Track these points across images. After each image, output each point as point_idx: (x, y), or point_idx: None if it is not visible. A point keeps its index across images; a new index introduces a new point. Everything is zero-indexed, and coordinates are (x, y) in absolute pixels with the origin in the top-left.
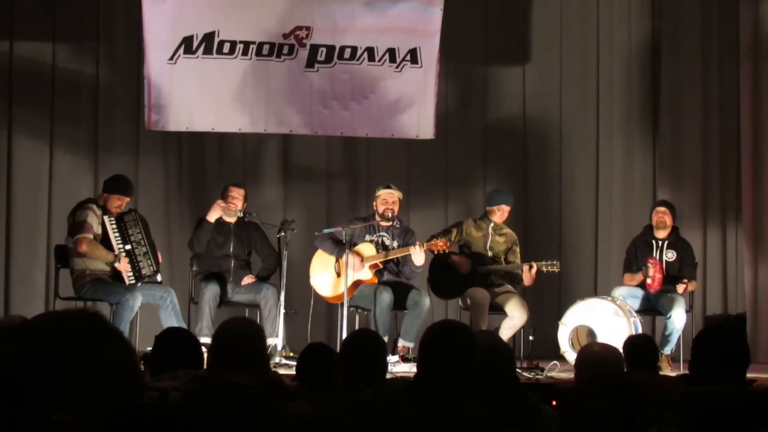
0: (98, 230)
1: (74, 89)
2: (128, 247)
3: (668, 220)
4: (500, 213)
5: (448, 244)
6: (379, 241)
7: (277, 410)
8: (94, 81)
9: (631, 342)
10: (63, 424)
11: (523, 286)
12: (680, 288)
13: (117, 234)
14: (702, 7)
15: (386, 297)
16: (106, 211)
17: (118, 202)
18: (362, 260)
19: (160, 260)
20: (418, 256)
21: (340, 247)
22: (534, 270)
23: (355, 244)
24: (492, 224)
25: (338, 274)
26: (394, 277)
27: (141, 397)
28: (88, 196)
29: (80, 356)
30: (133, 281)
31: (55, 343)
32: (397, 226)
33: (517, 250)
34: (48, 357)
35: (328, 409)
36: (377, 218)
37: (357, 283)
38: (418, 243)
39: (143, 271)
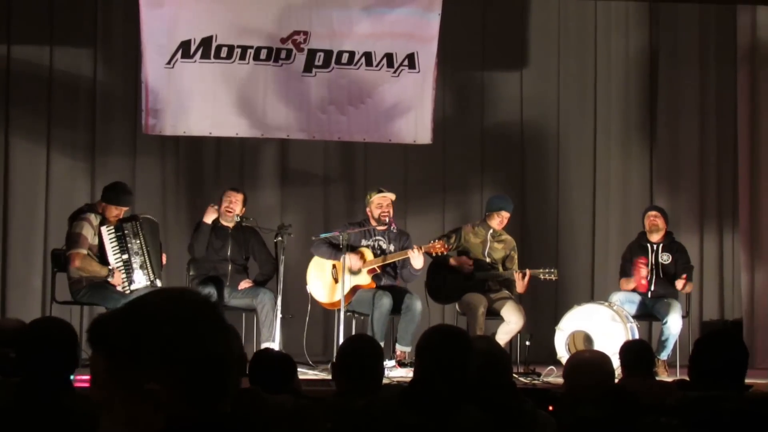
0: (94, 241)
1: (72, 92)
2: (125, 257)
3: (660, 223)
4: (499, 219)
5: (446, 246)
6: (376, 246)
7: (259, 404)
8: (91, 84)
9: (628, 347)
10: (153, 395)
11: (517, 292)
12: (679, 284)
13: (114, 244)
14: (699, 14)
15: (386, 302)
16: (104, 219)
17: (116, 212)
18: (362, 257)
19: (164, 262)
20: (417, 259)
21: (338, 250)
22: (527, 278)
23: (354, 248)
24: (491, 230)
25: (335, 280)
26: (390, 281)
27: (233, 390)
28: (85, 199)
29: (185, 337)
30: (127, 291)
31: (166, 319)
32: (393, 230)
33: (515, 256)
34: (153, 329)
35: (325, 414)
36: (373, 223)
37: (355, 289)
38: (415, 246)
39: (139, 282)
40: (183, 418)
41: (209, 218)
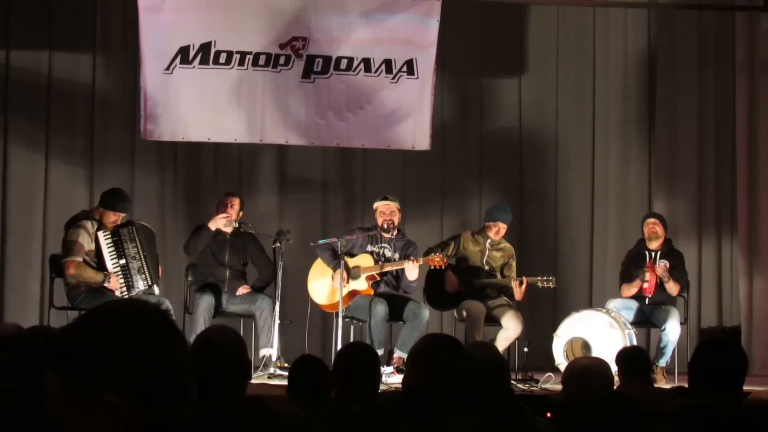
0: (90, 247)
1: (70, 98)
2: (122, 262)
3: (659, 230)
4: (496, 230)
5: (445, 260)
6: (381, 253)
7: (267, 416)
8: (90, 90)
9: (624, 354)
10: (111, 406)
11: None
12: (659, 269)
13: (111, 249)
14: (698, 20)
15: (381, 309)
16: (101, 225)
17: (114, 218)
18: (348, 281)
19: (160, 273)
20: (412, 271)
21: (337, 260)
22: (524, 286)
23: (354, 255)
24: (489, 239)
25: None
26: (391, 289)
27: (185, 393)
28: (84, 205)
29: (138, 345)
30: (126, 296)
31: (117, 328)
32: (401, 238)
33: (514, 264)
34: (105, 340)
35: (322, 421)
36: (380, 230)
37: (353, 293)
38: (412, 258)
39: (137, 286)
40: (144, 428)
41: (214, 225)
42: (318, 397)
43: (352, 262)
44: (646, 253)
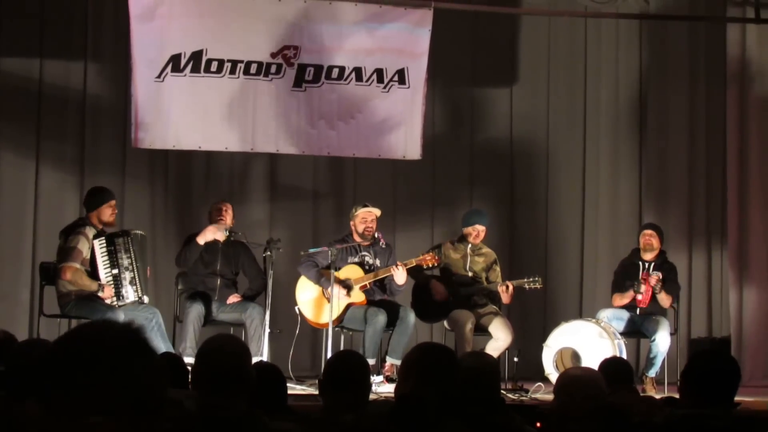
0: (87, 255)
1: (61, 106)
2: (115, 271)
3: (655, 242)
4: (475, 233)
5: (437, 258)
6: (364, 262)
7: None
8: (81, 98)
9: (608, 364)
10: (97, 427)
11: (503, 304)
12: (652, 279)
13: (105, 258)
14: (689, 32)
15: (381, 319)
16: (99, 233)
17: (109, 210)
18: (348, 293)
19: (149, 274)
20: (400, 275)
21: (324, 277)
22: (510, 289)
23: (339, 269)
24: (470, 245)
25: (327, 300)
26: (380, 295)
27: (162, 406)
28: (74, 212)
29: (116, 364)
30: (116, 305)
31: (95, 350)
32: (382, 245)
33: (497, 268)
34: (88, 362)
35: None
36: (357, 238)
37: (348, 306)
38: (399, 263)
39: (127, 297)
40: None
41: (203, 239)
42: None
43: (340, 275)
44: (640, 263)
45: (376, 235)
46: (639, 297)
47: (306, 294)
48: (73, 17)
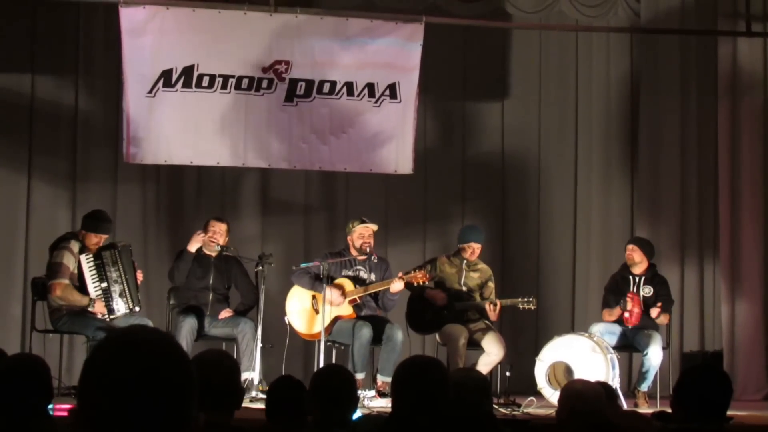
0: (75, 269)
1: (53, 120)
2: (104, 285)
3: (637, 256)
4: (470, 251)
5: (428, 276)
6: (357, 276)
7: None
8: (72, 112)
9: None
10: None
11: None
12: (654, 312)
13: (93, 272)
14: (680, 45)
15: (366, 332)
16: (84, 247)
17: (96, 240)
18: (343, 293)
19: (140, 278)
20: (396, 284)
21: (318, 282)
22: (498, 308)
23: (333, 278)
24: (465, 260)
25: (316, 311)
26: (371, 311)
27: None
28: (66, 227)
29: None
30: (108, 319)
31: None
32: (374, 260)
33: (491, 285)
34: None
35: None
36: (353, 252)
37: (336, 319)
38: (400, 273)
39: (119, 309)
40: None
41: (194, 246)
42: (296, 420)
43: (329, 297)
44: (630, 277)
45: (366, 249)
46: (626, 315)
47: (295, 305)
48: (65, 32)
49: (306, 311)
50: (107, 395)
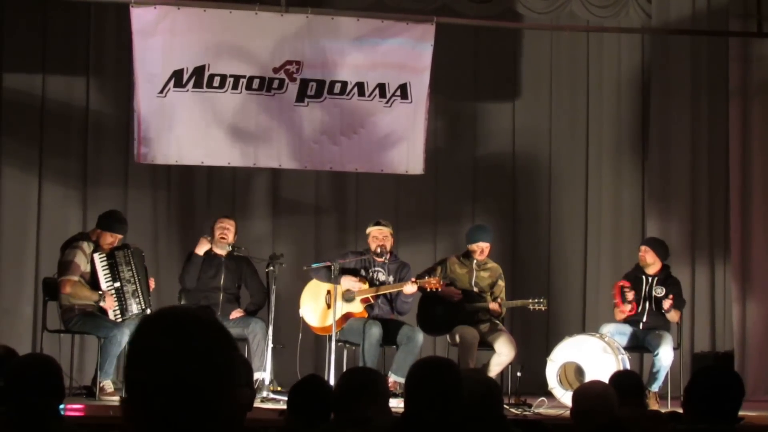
0: (86, 268)
1: (64, 121)
2: (117, 284)
3: (649, 258)
4: (479, 251)
5: (441, 283)
6: (375, 277)
7: None
8: (83, 113)
9: (618, 377)
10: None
11: (501, 317)
12: (666, 303)
13: (107, 271)
14: (691, 45)
15: (376, 331)
16: (98, 247)
17: (111, 239)
18: (361, 280)
19: (152, 286)
20: (409, 286)
21: (337, 273)
22: (497, 304)
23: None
24: (475, 260)
25: (328, 306)
26: (384, 313)
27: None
28: (77, 228)
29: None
30: (119, 319)
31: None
32: (393, 261)
33: (501, 284)
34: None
35: None
36: (373, 254)
37: (347, 316)
38: (413, 279)
39: (131, 310)
40: None
41: (201, 250)
42: (319, 417)
43: (345, 284)
44: (643, 277)
45: (378, 251)
46: (628, 307)
47: (310, 300)
48: (76, 32)
49: (319, 305)
50: (155, 371)
